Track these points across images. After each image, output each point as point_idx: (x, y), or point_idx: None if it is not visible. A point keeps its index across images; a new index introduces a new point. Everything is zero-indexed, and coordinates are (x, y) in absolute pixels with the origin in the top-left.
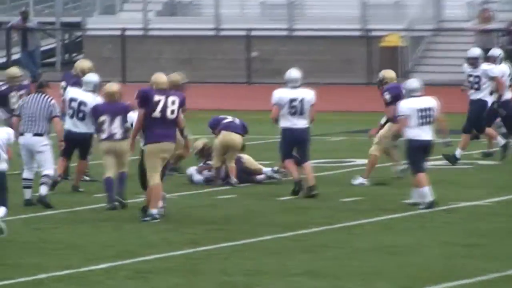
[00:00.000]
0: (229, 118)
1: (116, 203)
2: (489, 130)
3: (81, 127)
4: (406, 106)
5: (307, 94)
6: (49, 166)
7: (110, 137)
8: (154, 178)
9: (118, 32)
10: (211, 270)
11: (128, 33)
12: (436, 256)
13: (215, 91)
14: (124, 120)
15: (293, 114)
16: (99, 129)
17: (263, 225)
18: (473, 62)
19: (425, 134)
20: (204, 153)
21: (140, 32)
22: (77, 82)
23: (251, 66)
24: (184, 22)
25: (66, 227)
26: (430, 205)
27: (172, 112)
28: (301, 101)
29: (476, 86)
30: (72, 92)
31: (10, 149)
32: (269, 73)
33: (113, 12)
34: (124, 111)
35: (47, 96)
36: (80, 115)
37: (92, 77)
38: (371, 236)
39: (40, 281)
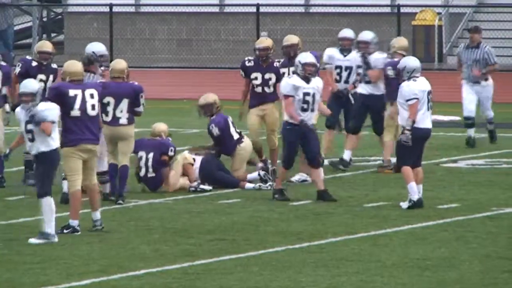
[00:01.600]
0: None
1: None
2: None
3: None
4: (418, 88)
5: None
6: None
7: (114, 121)
8: (75, 183)
9: (105, 9)
10: (211, 287)
11: (116, 9)
12: (475, 272)
13: (218, 78)
14: (134, 104)
15: (304, 110)
16: (102, 111)
17: (272, 235)
18: None
19: (428, 121)
20: (212, 111)
21: (131, 9)
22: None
23: None
24: None
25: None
26: (417, 204)
27: (93, 107)
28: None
29: None
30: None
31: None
32: (282, 57)
33: None
34: (132, 93)
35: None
36: None
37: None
38: (399, 248)
39: None
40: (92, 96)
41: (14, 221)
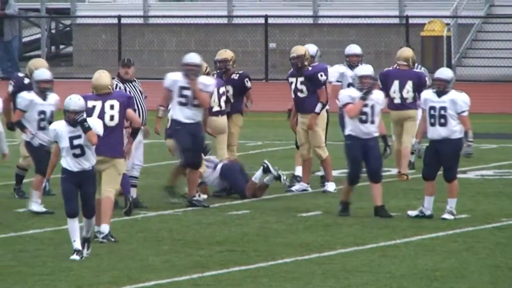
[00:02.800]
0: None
1: (130, 199)
2: None
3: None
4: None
5: None
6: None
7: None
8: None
9: (113, 20)
10: None
11: (125, 21)
12: (485, 283)
13: None
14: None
15: (363, 122)
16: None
17: (281, 246)
18: None
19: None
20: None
21: (140, 20)
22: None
23: (269, 60)
24: (191, 8)
25: (52, 248)
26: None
27: (112, 118)
28: None
29: None
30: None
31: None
32: (290, 68)
33: None
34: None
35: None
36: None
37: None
38: (409, 259)
39: None
40: (112, 107)
41: (23, 232)
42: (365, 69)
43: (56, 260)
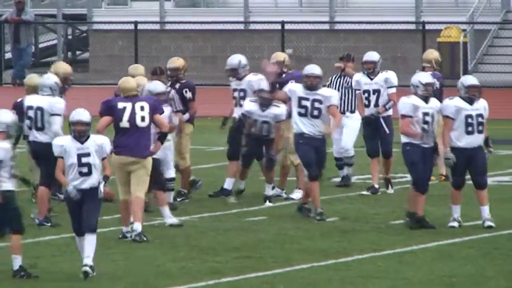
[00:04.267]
0: None
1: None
2: None
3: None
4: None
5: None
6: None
7: None
8: (120, 193)
9: (130, 26)
10: None
11: (141, 27)
12: None
13: None
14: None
15: (426, 131)
16: None
17: (298, 252)
18: None
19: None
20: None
21: (156, 26)
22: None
23: None
24: (207, 14)
25: (67, 255)
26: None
27: (143, 119)
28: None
29: None
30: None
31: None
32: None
33: (124, 2)
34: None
35: None
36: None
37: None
38: (425, 265)
39: None
40: (142, 108)
41: (40, 239)
42: (428, 77)
43: (73, 267)
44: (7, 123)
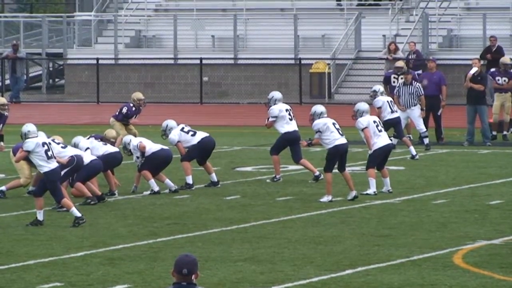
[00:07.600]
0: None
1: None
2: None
3: None
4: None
5: None
6: None
7: None
8: None
9: (93, 61)
10: (169, 257)
11: (101, 61)
12: (354, 245)
13: (174, 110)
14: None
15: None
16: None
17: (211, 220)
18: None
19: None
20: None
21: (112, 61)
22: None
23: (203, 89)
24: (148, 53)
25: (49, 222)
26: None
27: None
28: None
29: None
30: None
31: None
32: (218, 95)
33: (90, 44)
34: None
35: None
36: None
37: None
38: (301, 229)
39: (29, 266)
40: None
41: (31, 211)
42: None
43: (53, 230)
44: None
